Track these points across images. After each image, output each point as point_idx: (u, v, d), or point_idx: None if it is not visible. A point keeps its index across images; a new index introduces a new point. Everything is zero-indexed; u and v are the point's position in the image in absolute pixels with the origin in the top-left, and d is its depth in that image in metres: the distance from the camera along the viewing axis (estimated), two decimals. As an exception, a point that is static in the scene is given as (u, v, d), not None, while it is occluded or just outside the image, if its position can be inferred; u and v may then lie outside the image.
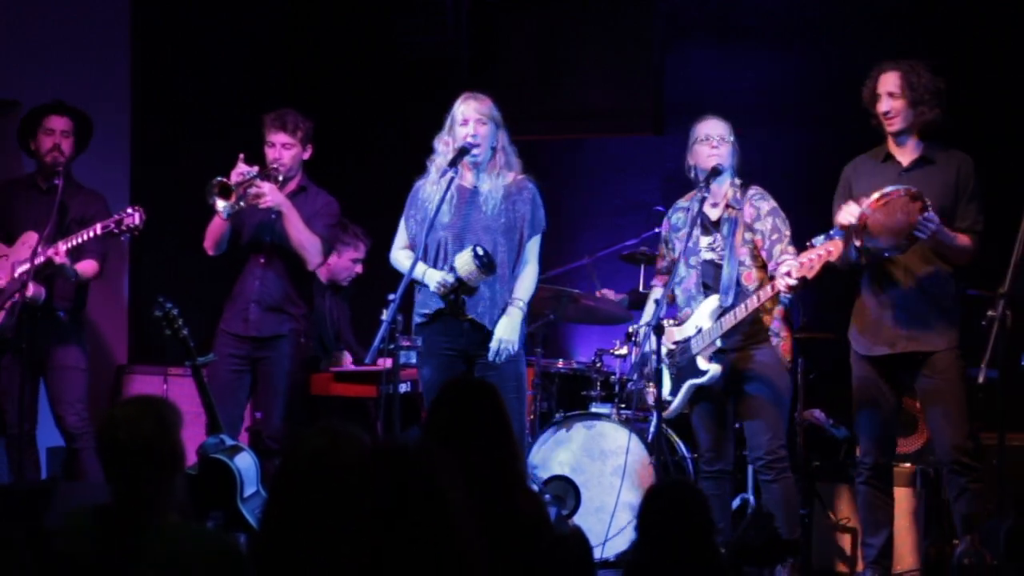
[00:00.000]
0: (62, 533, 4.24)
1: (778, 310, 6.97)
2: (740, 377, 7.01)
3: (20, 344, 7.63)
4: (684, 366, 7.04)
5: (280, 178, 7.64)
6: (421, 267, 6.90)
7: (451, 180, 6.84)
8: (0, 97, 9.06)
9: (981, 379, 5.93)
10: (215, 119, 8.39)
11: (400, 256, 7.09)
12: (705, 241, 7.07)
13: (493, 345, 6.83)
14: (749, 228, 6.94)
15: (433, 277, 6.81)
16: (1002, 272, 6.13)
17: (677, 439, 8.08)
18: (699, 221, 7.03)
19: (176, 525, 4.20)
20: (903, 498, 7.49)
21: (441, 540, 2.76)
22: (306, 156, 7.85)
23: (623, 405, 8.17)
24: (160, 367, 9.17)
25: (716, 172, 6.96)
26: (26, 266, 7.57)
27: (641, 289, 8.83)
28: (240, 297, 7.79)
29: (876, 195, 6.39)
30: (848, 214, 6.49)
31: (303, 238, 7.63)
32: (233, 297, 7.83)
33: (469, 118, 6.90)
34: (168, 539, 4.09)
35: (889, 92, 6.73)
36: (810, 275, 6.42)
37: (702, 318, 6.98)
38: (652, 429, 7.82)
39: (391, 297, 6.52)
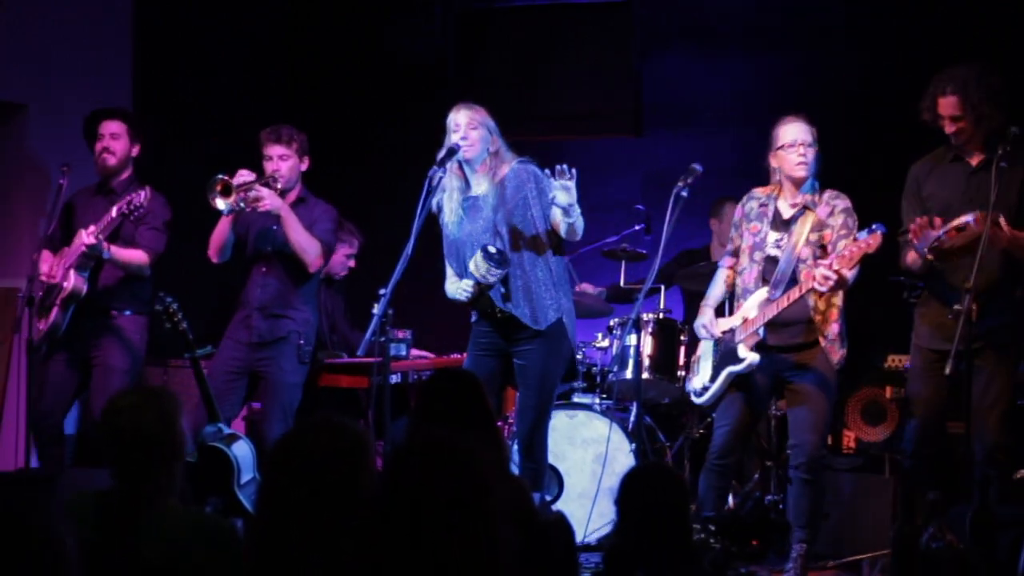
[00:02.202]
0: (65, 518, 4.23)
1: (832, 314, 6.77)
2: (791, 374, 6.85)
3: (69, 341, 7.66)
4: (726, 354, 6.94)
5: (279, 186, 7.63)
6: (454, 285, 6.94)
7: (439, 179, 6.82)
8: (7, 100, 9.04)
9: (948, 370, 5.92)
10: (215, 119, 8.37)
11: (451, 288, 7.04)
12: (773, 237, 6.89)
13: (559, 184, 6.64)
14: (822, 224, 6.76)
15: (459, 286, 6.83)
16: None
17: (657, 427, 8.09)
18: (772, 218, 6.90)
19: (176, 510, 4.21)
20: (873, 485, 7.49)
21: (480, 540, 2.74)
22: (303, 167, 7.83)
23: (604, 395, 8.18)
24: (161, 359, 9.17)
25: (692, 171, 6.90)
26: (68, 259, 7.58)
27: (622, 284, 8.84)
28: (244, 306, 7.77)
29: (955, 224, 6.20)
30: (925, 237, 6.34)
31: (302, 240, 7.60)
32: (239, 306, 7.81)
33: (460, 124, 6.85)
34: (168, 524, 4.10)
35: (951, 116, 6.54)
36: (849, 266, 6.30)
37: (750, 309, 6.83)
38: (632, 418, 7.82)
39: (382, 292, 6.51)
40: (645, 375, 8.02)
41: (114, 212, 7.46)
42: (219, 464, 7.07)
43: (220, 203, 7.45)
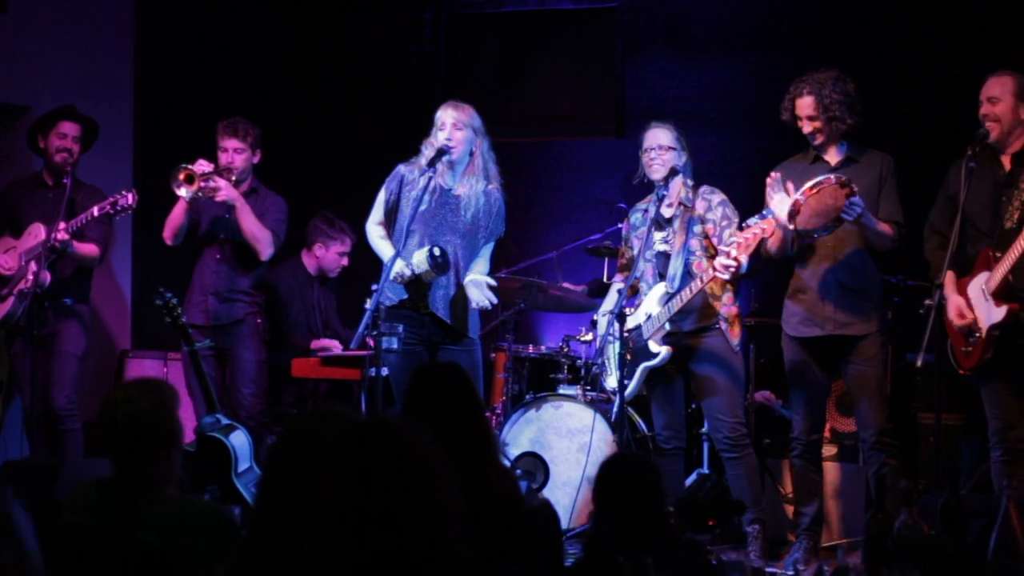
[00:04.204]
0: (68, 505, 4.23)
1: (727, 297, 6.95)
2: (694, 361, 7.02)
3: (31, 330, 7.67)
4: (637, 351, 7.03)
5: (233, 177, 7.74)
6: (388, 249, 6.94)
7: (429, 179, 6.83)
8: (12, 103, 9.02)
9: (919, 363, 5.93)
10: (214, 119, 8.33)
11: (373, 232, 7.10)
12: (659, 236, 7.05)
13: (476, 298, 6.83)
14: (701, 220, 6.93)
15: (395, 267, 6.79)
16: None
17: (638, 418, 8.06)
18: (654, 219, 7.00)
19: (175, 498, 4.22)
20: (847, 473, 7.48)
21: (428, 511, 2.71)
22: (256, 160, 7.97)
23: (588, 387, 8.16)
24: (160, 352, 9.16)
25: (674, 172, 6.93)
26: (35, 253, 7.62)
27: (605, 280, 8.82)
28: (198, 289, 7.90)
29: (810, 183, 6.42)
30: (782, 202, 6.52)
31: (255, 230, 7.74)
32: (192, 289, 7.93)
33: (446, 123, 6.89)
34: (167, 511, 4.10)
35: (808, 116, 6.77)
36: (747, 252, 6.44)
37: (651, 304, 6.99)
38: (615, 409, 7.80)
39: (374, 287, 6.51)
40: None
41: (96, 211, 7.59)
42: (217, 453, 7.06)
43: (182, 191, 7.62)
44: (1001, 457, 6.23)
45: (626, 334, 7.03)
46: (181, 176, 7.57)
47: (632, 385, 7.10)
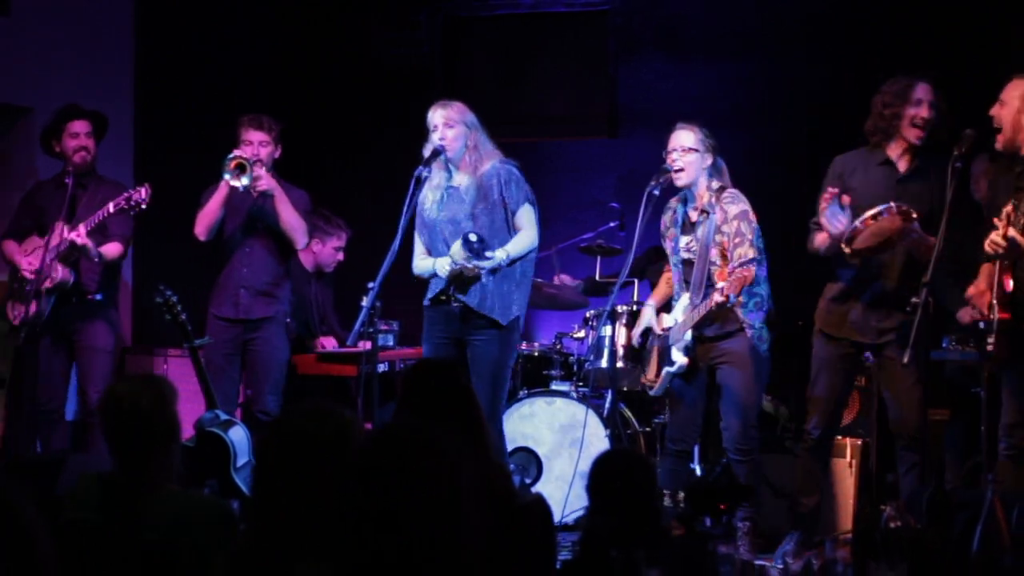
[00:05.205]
0: (71, 499, 4.24)
1: (754, 302, 6.86)
2: (716, 361, 6.92)
3: (51, 326, 7.71)
4: (663, 353, 7.03)
5: (263, 170, 7.67)
6: (429, 261, 6.93)
7: (425, 179, 6.84)
8: (15, 104, 9.01)
9: (906, 360, 5.92)
10: (214, 120, 8.36)
11: (419, 263, 7.05)
12: (684, 241, 6.96)
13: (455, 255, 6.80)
14: (719, 230, 6.81)
15: (439, 266, 6.82)
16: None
17: (630, 414, 8.09)
18: (681, 222, 6.97)
19: (175, 492, 4.22)
20: (837, 468, 7.49)
21: (428, 512, 2.71)
22: (277, 155, 7.85)
23: (581, 383, 8.18)
24: (161, 349, 9.16)
25: (664, 172, 6.90)
26: (52, 252, 7.56)
27: (598, 278, 8.84)
28: (229, 283, 7.78)
29: (870, 212, 6.26)
30: (838, 223, 6.44)
31: (293, 220, 7.67)
32: (221, 283, 7.82)
33: (437, 124, 6.89)
34: (167, 504, 4.11)
35: (929, 101, 6.54)
36: (736, 292, 6.35)
37: (679, 312, 6.95)
38: (607, 405, 7.83)
39: (371, 285, 6.52)
40: (619, 364, 8.02)
41: (111, 207, 7.46)
42: (216, 448, 7.07)
43: (240, 181, 7.51)
44: (1005, 451, 6.21)
45: (661, 332, 7.08)
46: (232, 166, 7.48)
47: (658, 385, 7.08)
